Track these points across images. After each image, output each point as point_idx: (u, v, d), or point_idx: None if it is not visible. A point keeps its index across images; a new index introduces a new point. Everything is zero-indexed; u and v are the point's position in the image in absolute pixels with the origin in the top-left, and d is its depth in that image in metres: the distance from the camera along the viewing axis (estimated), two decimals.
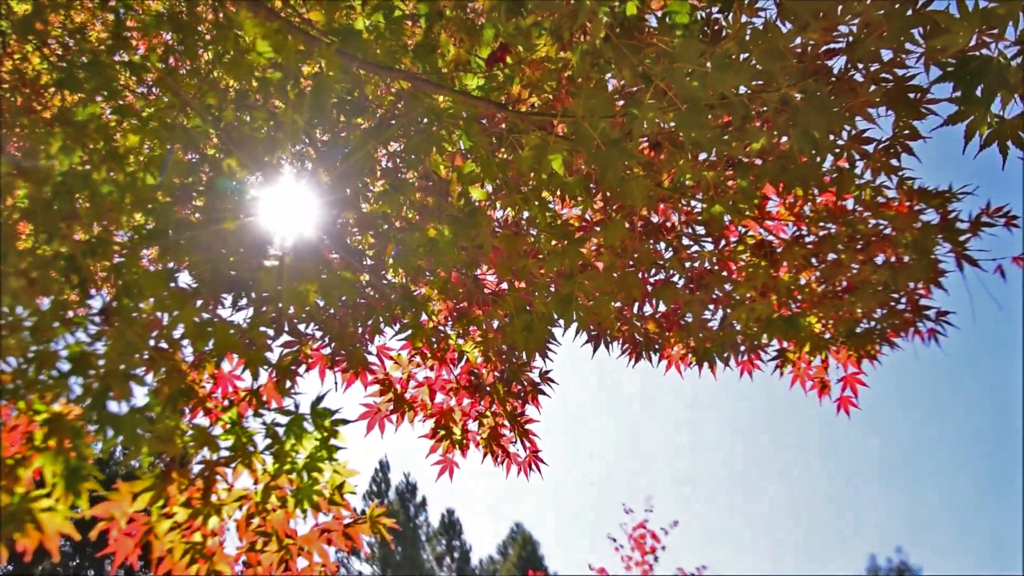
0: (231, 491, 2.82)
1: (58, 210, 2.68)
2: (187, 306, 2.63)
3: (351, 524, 2.84)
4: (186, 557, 2.78)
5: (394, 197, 2.99)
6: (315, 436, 2.71)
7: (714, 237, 3.31)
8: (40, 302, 2.78)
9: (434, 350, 3.54)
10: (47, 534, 2.57)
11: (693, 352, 3.56)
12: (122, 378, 2.55)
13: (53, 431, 2.66)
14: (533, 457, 3.73)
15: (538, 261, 3.17)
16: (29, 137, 3.02)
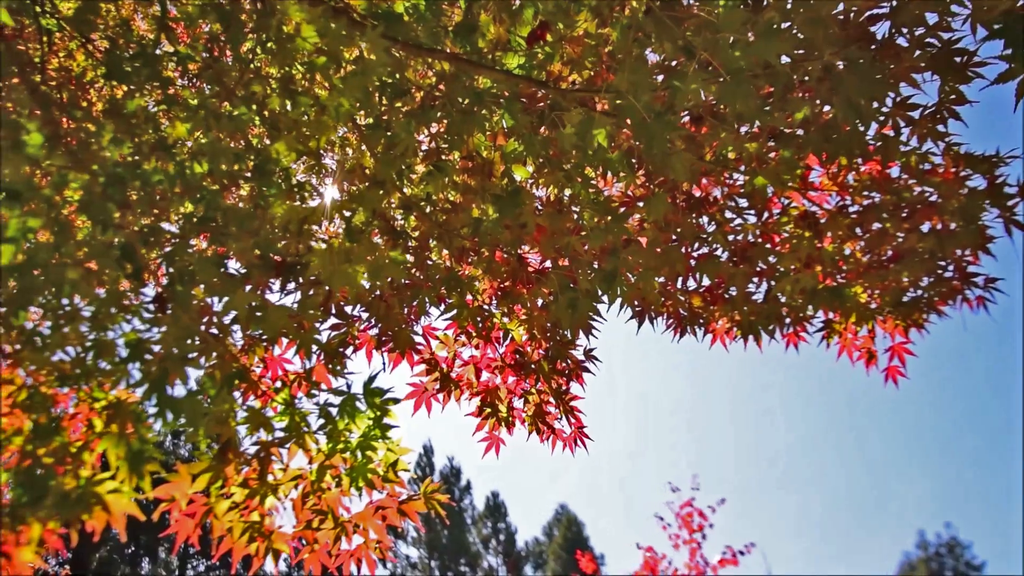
0: (286, 471, 2.88)
1: (111, 201, 2.74)
2: (238, 291, 2.68)
3: (405, 501, 2.89)
4: (245, 536, 2.84)
5: (437, 178, 3.02)
6: (368, 415, 2.75)
7: (757, 209, 3.30)
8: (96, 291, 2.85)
9: (479, 329, 3.57)
10: (114, 515, 2.65)
11: (738, 325, 3.55)
12: (179, 362, 2.61)
13: (114, 416, 2.73)
14: (578, 433, 3.76)
15: (581, 238, 3.18)
16: (80, 131, 3.08)
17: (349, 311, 3.38)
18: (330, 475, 2.84)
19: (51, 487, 2.63)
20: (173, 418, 2.64)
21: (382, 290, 3.31)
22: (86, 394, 2.95)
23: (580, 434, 3.74)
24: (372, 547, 2.93)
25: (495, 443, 3.74)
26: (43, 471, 2.69)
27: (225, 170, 3.04)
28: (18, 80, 3.60)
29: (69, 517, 2.65)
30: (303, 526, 2.91)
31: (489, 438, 3.73)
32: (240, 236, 2.89)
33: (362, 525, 2.91)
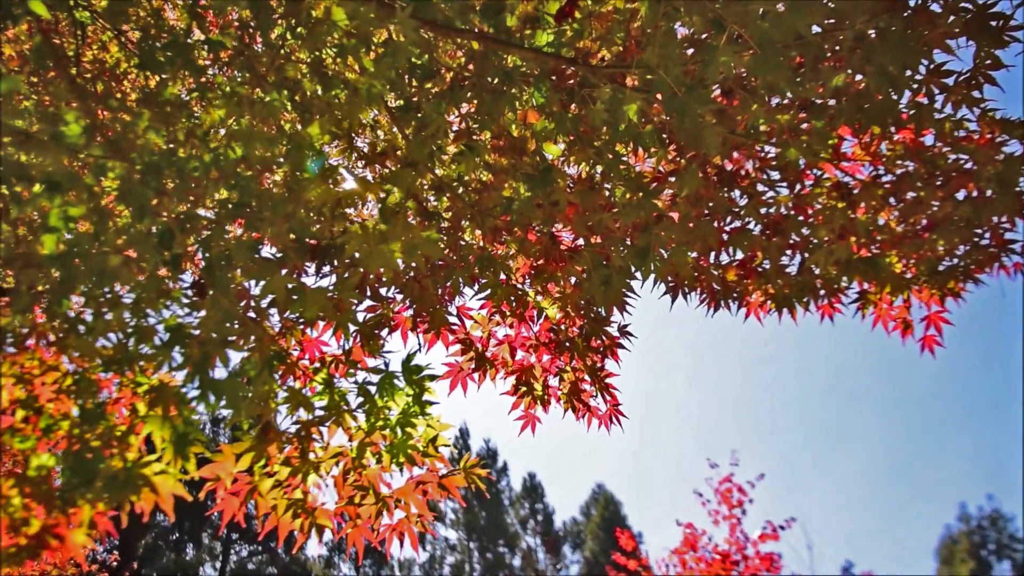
0: (327, 449, 2.93)
1: (148, 189, 2.78)
2: (275, 275, 2.72)
3: (446, 475, 2.93)
4: (289, 512, 2.90)
5: (469, 158, 3.04)
6: (406, 392, 2.79)
7: (789, 182, 3.29)
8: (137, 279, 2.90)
9: (513, 308, 3.60)
10: (161, 496, 2.71)
11: (772, 298, 3.55)
12: (220, 345, 2.65)
13: (158, 399, 2.78)
14: (614, 410, 3.78)
15: (613, 215, 3.19)
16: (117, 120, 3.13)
17: (384, 293, 3.42)
18: (370, 452, 2.88)
19: (100, 470, 2.69)
20: (215, 400, 2.68)
21: (416, 271, 3.34)
22: (128, 379, 3.01)
23: (615, 411, 3.76)
24: (414, 521, 2.98)
25: (531, 421, 3.77)
26: (91, 454, 2.75)
27: (259, 155, 3.07)
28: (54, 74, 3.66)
29: (118, 499, 2.72)
30: (345, 502, 2.95)
31: (525, 416, 3.76)
32: (275, 221, 2.92)
33: (403, 500, 2.96)
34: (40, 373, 3.14)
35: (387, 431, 2.85)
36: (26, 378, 3.11)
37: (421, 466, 2.91)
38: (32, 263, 2.87)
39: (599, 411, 3.75)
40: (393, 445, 2.84)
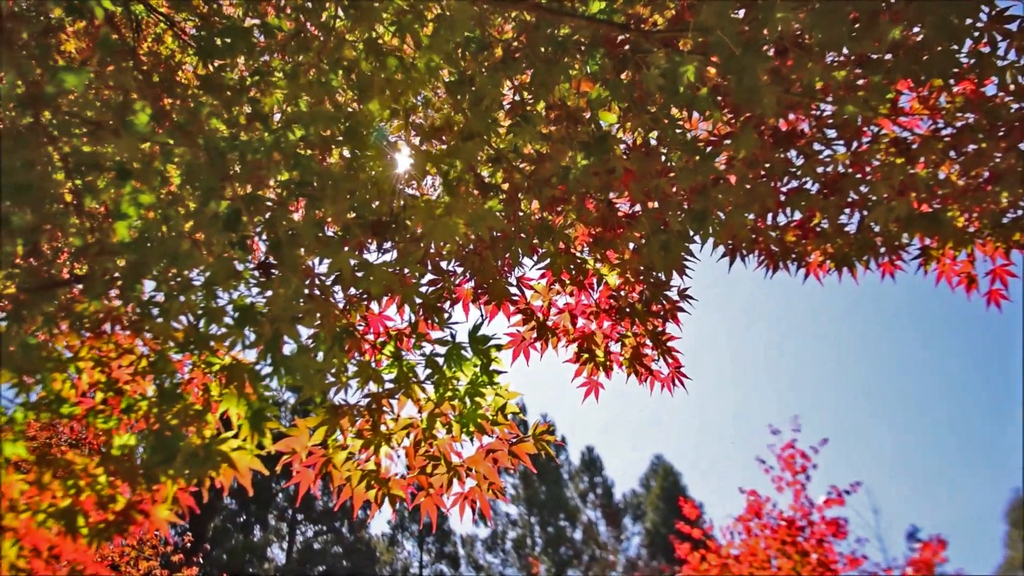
0: (398, 420, 2.99)
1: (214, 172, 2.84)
2: (340, 252, 2.77)
3: (516, 443, 2.98)
4: (363, 483, 2.97)
5: (525, 129, 3.06)
6: (474, 362, 2.84)
7: (846, 139, 3.26)
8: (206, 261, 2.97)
9: (573, 276, 3.62)
10: (240, 471, 2.79)
11: (831, 258, 3.53)
12: (290, 322, 2.72)
13: (232, 377, 2.86)
14: (676, 373, 3.79)
15: (670, 179, 3.19)
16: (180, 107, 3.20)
17: (445, 267, 3.46)
18: (440, 422, 2.94)
19: (180, 447, 2.78)
20: (287, 376, 2.75)
21: (476, 244, 3.38)
22: (201, 360, 3.10)
23: (678, 374, 3.78)
24: (485, 488, 3.03)
25: (594, 388, 3.80)
26: (170, 433, 2.84)
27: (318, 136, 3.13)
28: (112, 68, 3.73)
29: (198, 475, 2.80)
30: (417, 472, 3.02)
31: (588, 383, 3.80)
32: (336, 199, 2.98)
33: (474, 468, 3.01)
34: (116, 356, 3.24)
35: (456, 401, 2.90)
36: (104, 361, 3.22)
37: (490, 435, 2.96)
38: (106, 250, 2.96)
39: (661, 375, 3.77)
40: (462, 415, 2.90)
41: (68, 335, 3.15)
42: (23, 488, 3.02)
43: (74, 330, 3.10)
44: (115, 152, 2.89)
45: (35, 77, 2.79)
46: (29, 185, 2.78)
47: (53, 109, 2.82)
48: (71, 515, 3.01)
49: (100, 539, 3.04)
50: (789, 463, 10.51)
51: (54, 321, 2.94)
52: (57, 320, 2.97)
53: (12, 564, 3.04)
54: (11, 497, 3.00)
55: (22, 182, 2.77)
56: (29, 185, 2.78)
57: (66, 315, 3.03)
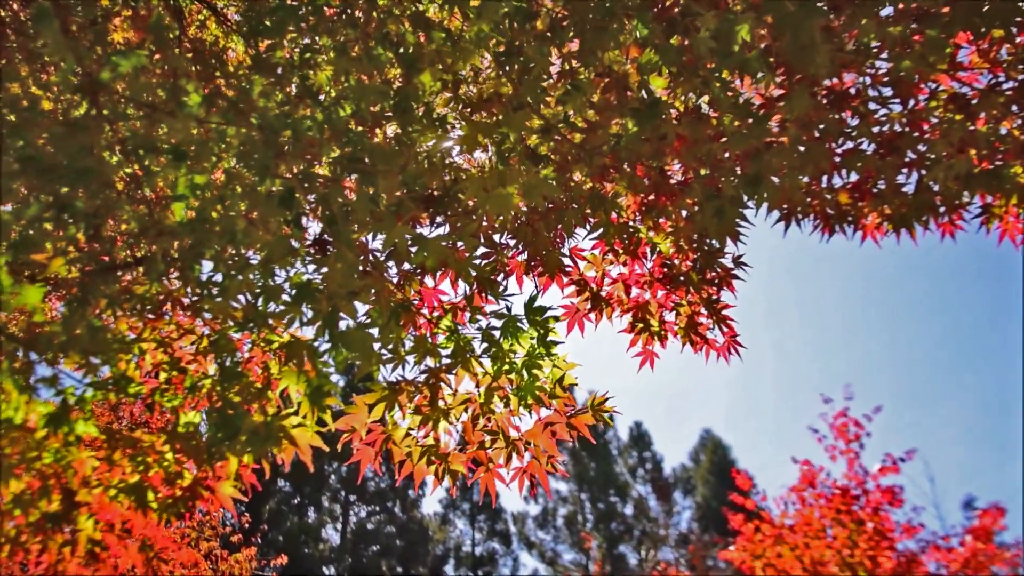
0: (455, 395, 3.00)
1: (268, 151, 2.86)
2: (395, 226, 2.78)
3: (574, 415, 2.97)
4: (423, 459, 2.99)
5: (574, 97, 3.04)
6: (530, 334, 2.84)
7: (902, 97, 3.20)
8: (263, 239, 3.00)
9: (626, 246, 3.60)
10: (301, 447, 2.82)
11: (889, 219, 3.47)
12: (347, 298, 2.74)
13: (291, 354, 2.89)
14: (731, 342, 3.76)
15: (723, 144, 3.16)
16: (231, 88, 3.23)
17: (497, 240, 3.46)
18: (498, 396, 2.94)
19: (242, 424, 2.81)
20: (345, 351, 2.78)
21: (528, 215, 3.38)
22: (260, 339, 3.14)
23: (733, 343, 3.75)
24: (543, 462, 3.04)
25: (649, 358, 3.79)
26: (232, 410, 2.88)
27: (369, 111, 3.13)
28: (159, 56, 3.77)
29: (260, 451, 2.84)
30: (476, 447, 3.03)
31: (643, 353, 3.78)
32: (387, 174, 2.98)
33: (532, 442, 3.02)
34: (178, 337, 3.29)
35: (513, 374, 2.90)
36: (165, 342, 3.27)
37: (548, 407, 2.96)
38: (164, 232, 3.00)
39: (716, 343, 3.75)
40: (520, 388, 2.90)
41: (130, 317, 3.21)
42: (94, 465, 3.09)
43: (136, 312, 3.15)
44: (170, 134, 2.93)
45: (91, 63, 2.83)
46: (89, 170, 2.82)
47: (109, 94, 2.86)
48: (141, 491, 3.08)
49: (168, 514, 3.10)
50: (842, 432, 10.41)
51: (117, 304, 2.99)
52: (120, 303, 3.02)
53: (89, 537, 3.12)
54: (84, 474, 3.08)
55: (82, 167, 2.81)
56: (89, 170, 2.82)
57: (128, 298, 3.08)
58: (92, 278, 2.95)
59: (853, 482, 10.03)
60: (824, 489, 10.10)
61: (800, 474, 10.27)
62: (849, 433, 10.34)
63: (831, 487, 10.05)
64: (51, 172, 2.82)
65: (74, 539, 3.22)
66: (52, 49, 2.75)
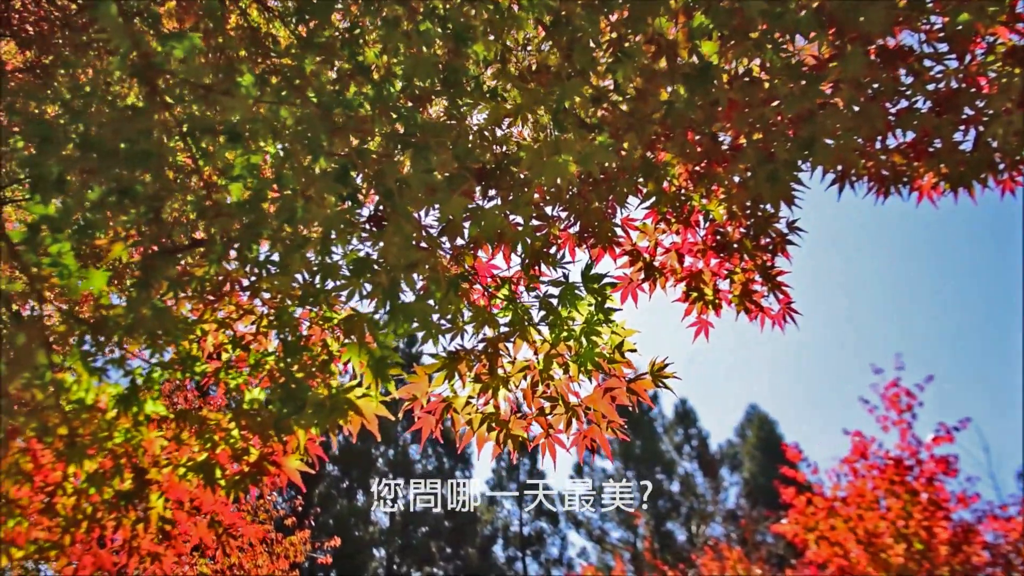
0: (514, 363, 3.03)
1: (321, 128, 2.89)
2: (452, 197, 2.79)
3: (633, 380, 2.98)
4: (484, 426, 3.02)
5: (625, 65, 3.03)
6: (588, 301, 2.85)
7: (959, 52, 3.15)
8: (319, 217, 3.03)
9: (678, 214, 3.59)
10: (367, 417, 2.86)
11: (946, 179, 3.42)
12: (406, 270, 2.76)
13: (351, 329, 2.92)
14: (787, 309, 3.74)
15: (775, 108, 3.13)
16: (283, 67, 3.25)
17: (549, 212, 3.47)
18: (557, 363, 2.96)
19: (307, 398, 2.86)
20: (406, 323, 2.81)
21: (580, 187, 3.38)
22: (318, 316, 3.18)
23: (788, 310, 3.72)
24: (604, 427, 3.05)
25: (703, 327, 3.78)
26: (296, 385, 2.93)
27: (419, 86, 3.15)
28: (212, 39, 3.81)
29: (326, 424, 2.89)
30: (536, 413, 3.06)
31: (698, 323, 3.77)
32: (439, 149, 3.00)
33: (592, 408, 3.03)
34: (237, 317, 3.34)
35: (572, 341, 2.92)
36: (226, 323, 3.32)
37: (608, 373, 2.98)
38: (222, 212, 3.04)
39: (771, 311, 3.73)
40: (579, 355, 2.92)
41: (191, 299, 3.26)
42: (163, 444, 3.16)
43: (196, 295, 3.21)
44: (225, 115, 2.97)
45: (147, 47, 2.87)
46: (148, 153, 2.87)
47: (165, 77, 2.90)
48: (209, 468, 3.14)
49: (236, 490, 3.16)
50: (894, 402, 10.30)
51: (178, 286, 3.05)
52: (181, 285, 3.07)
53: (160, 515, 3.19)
54: (153, 453, 3.14)
55: (142, 150, 2.86)
56: (148, 153, 2.87)
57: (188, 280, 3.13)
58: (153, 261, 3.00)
59: (906, 452, 9.93)
60: (876, 460, 10.02)
61: (852, 445, 10.19)
62: (901, 403, 10.23)
63: (884, 458, 9.97)
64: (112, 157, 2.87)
65: (146, 516, 3.30)
66: (110, 34, 2.80)
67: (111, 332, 2.95)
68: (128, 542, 3.44)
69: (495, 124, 3.04)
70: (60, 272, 2.91)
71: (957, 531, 9.57)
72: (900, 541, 9.55)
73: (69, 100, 3.00)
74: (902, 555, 9.49)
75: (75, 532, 3.26)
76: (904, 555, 9.48)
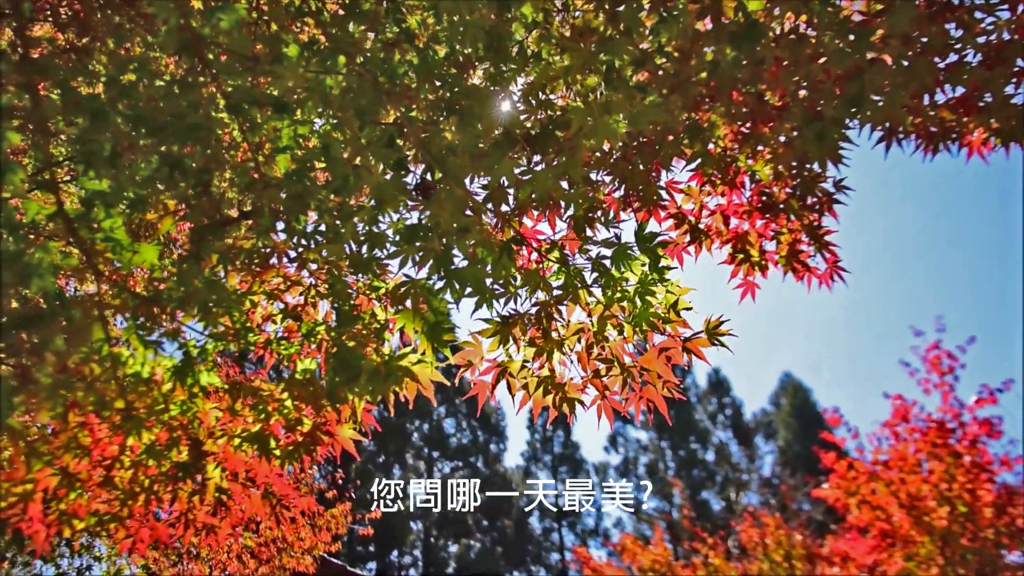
0: (568, 326, 3.03)
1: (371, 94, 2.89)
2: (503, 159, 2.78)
3: (689, 339, 2.97)
4: (540, 389, 3.03)
5: (670, 25, 3.00)
6: (642, 261, 2.84)
7: (1010, 3, 3.09)
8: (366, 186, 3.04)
9: (723, 176, 3.56)
10: (422, 383, 2.88)
11: (996, 133, 3.36)
12: (458, 235, 2.76)
13: (403, 296, 2.93)
14: (834, 268, 3.70)
15: (822, 65, 3.09)
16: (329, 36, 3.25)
17: (594, 177, 3.45)
18: (611, 324, 2.96)
19: (361, 366, 2.87)
20: (460, 288, 2.81)
21: (625, 149, 3.36)
22: (365, 286, 3.19)
23: (835, 268, 3.69)
24: (660, 387, 3.05)
25: (750, 288, 3.76)
26: (350, 354, 2.94)
27: (462, 53, 3.14)
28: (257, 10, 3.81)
29: (381, 391, 2.90)
30: (592, 375, 3.06)
31: (744, 284, 3.75)
32: (484, 114, 2.99)
33: (648, 368, 3.03)
34: (285, 289, 3.36)
35: (626, 302, 2.91)
36: (275, 294, 3.34)
37: (663, 333, 2.97)
38: (269, 184, 3.05)
39: (818, 271, 3.70)
40: (633, 315, 2.91)
41: (240, 272, 3.29)
42: (218, 415, 3.19)
43: (245, 267, 3.23)
44: (272, 87, 2.97)
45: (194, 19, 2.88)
46: (198, 126, 2.89)
47: (212, 49, 2.90)
48: (263, 439, 3.17)
49: (290, 460, 3.19)
50: (935, 364, 10.20)
51: (228, 259, 3.07)
52: (230, 258, 3.09)
53: (217, 486, 3.23)
54: (209, 424, 3.18)
55: (191, 123, 2.88)
56: (198, 126, 2.89)
57: (237, 252, 3.15)
58: (203, 234, 3.02)
59: (948, 415, 9.85)
60: (918, 423, 9.94)
61: (893, 409, 10.12)
62: (942, 366, 10.13)
63: (925, 421, 9.89)
64: (161, 131, 2.89)
65: (202, 488, 3.34)
66: (157, 8, 2.81)
67: (164, 305, 2.98)
68: (184, 514, 3.49)
69: (541, 88, 3.02)
70: (113, 247, 2.94)
71: (1001, 493, 9.50)
72: (943, 504, 9.49)
73: (116, 76, 3.02)
74: (945, 518, 9.44)
75: (132, 504, 3.31)
76: (947, 518, 9.43)
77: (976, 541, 9.42)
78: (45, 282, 2.62)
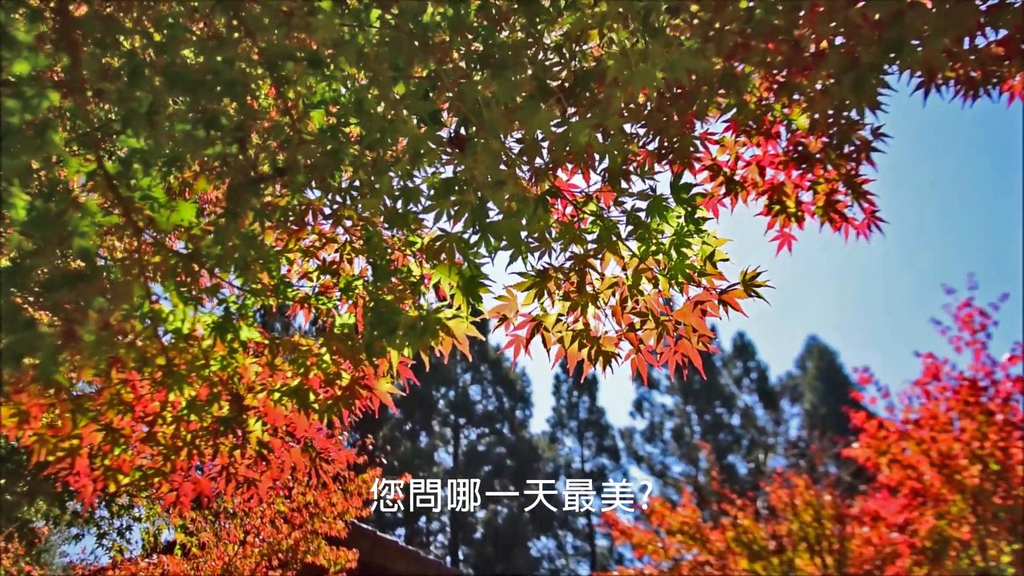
0: (603, 280, 3.02)
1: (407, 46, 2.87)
2: (539, 111, 2.77)
3: (724, 291, 2.96)
4: (575, 344, 3.03)
5: None
6: (677, 212, 2.82)
7: None
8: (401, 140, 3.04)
9: (759, 126, 3.53)
10: (458, 338, 2.89)
11: None
12: (494, 187, 2.76)
13: (438, 251, 2.94)
14: (872, 218, 3.66)
15: (860, 9, 3.04)
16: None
17: (628, 130, 3.42)
18: (646, 277, 2.95)
19: (398, 320, 2.89)
20: (495, 242, 2.81)
21: (659, 100, 3.32)
22: (400, 241, 3.20)
23: (873, 219, 3.65)
24: (695, 341, 3.05)
25: (786, 240, 3.73)
26: (387, 308, 2.96)
27: (496, 5, 3.12)
28: None
29: (418, 345, 2.91)
30: (626, 329, 3.06)
31: (780, 236, 3.72)
32: (517, 67, 2.97)
33: (683, 322, 3.02)
34: (320, 245, 3.38)
35: (661, 255, 2.90)
36: (310, 251, 3.36)
37: (698, 286, 2.96)
38: (304, 140, 3.06)
39: (855, 221, 3.66)
40: (668, 268, 2.90)
41: (276, 229, 3.30)
42: (257, 370, 3.23)
43: (280, 224, 3.25)
44: (307, 40, 2.97)
45: None
46: (235, 82, 2.89)
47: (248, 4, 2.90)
48: (302, 393, 3.20)
49: (329, 414, 3.22)
50: (967, 322, 10.11)
51: (264, 216, 3.08)
52: (267, 215, 3.11)
53: (258, 439, 3.27)
54: (249, 380, 3.21)
55: (228, 80, 2.88)
56: (235, 82, 2.89)
57: (273, 210, 3.17)
58: (239, 192, 3.04)
59: (980, 373, 9.78)
60: (950, 382, 9.88)
61: (923, 367, 10.06)
62: (974, 324, 10.05)
63: (957, 379, 9.83)
64: (198, 87, 2.89)
65: (243, 442, 3.39)
66: None
67: (203, 262, 3.00)
68: (225, 468, 3.54)
69: (575, 39, 3.00)
70: (151, 205, 2.97)
71: None
72: (975, 463, 9.46)
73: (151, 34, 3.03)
74: (977, 476, 9.40)
75: (175, 459, 3.36)
76: (979, 476, 9.39)
77: (1008, 499, 9.38)
78: (86, 242, 2.64)
